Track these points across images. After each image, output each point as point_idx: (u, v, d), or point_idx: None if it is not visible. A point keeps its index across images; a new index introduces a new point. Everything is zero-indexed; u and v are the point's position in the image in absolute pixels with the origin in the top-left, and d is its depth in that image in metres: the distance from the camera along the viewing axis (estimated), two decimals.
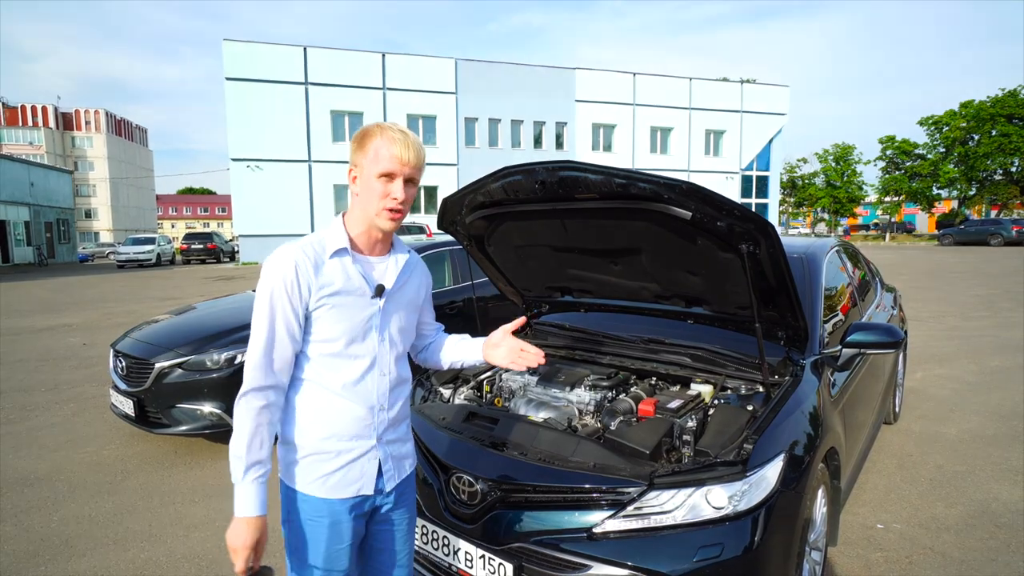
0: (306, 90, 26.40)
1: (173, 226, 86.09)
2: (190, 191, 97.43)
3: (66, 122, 62.34)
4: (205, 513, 3.04)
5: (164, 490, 3.33)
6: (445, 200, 2.29)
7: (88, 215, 62.38)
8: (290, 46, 26.15)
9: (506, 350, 1.52)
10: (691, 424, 1.91)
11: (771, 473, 1.68)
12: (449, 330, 1.69)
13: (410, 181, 1.29)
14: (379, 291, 1.33)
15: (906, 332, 4.53)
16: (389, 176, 1.26)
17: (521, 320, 1.61)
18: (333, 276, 1.28)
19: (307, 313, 1.28)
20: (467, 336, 1.63)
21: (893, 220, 44.74)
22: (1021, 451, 3.64)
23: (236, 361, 3.69)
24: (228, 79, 25.33)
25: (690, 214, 1.79)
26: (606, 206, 1.93)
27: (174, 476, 3.52)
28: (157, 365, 3.70)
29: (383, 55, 27.47)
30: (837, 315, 2.84)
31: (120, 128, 66.48)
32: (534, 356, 1.51)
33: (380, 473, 1.37)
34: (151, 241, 27.64)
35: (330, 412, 1.31)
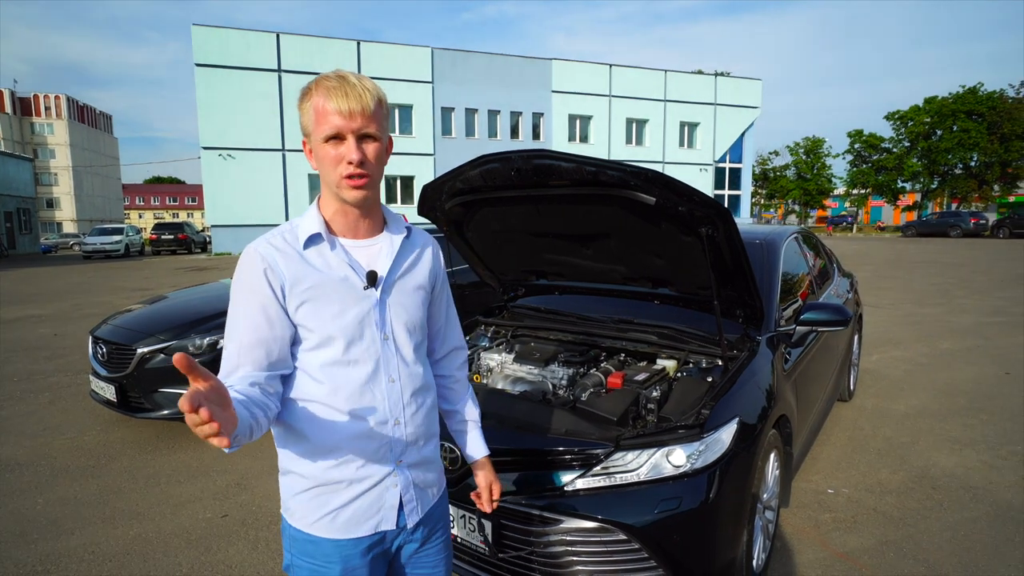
0: (279, 77, 25.92)
1: (141, 216, 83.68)
2: (158, 180, 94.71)
3: (24, 107, 59.84)
4: (191, 492, 3.11)
5: (148, 472, 3.39)
6: (425, 187, 2.41)
7: (50, 205, 60.18)
8: (262, 32, 25.63)
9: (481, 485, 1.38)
10: (655, 394, 2.08)
11: (725, 435, 1.85)
12: None
13: (367, 136, 1.03)
14: (371, 279, 1.10)
15: (861, 315, 4.81)
16: (337, 138, 1.02)
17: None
18: (309, 269, 1.06)
19: (292, 320, 1.07)
20: (477, 422, 1.41)
21: (860, 214, 46.01)
22: (960, 423, 3.94)
23: (218, 346, 3.75)
24: (198, 65, 24.69)
25: (654, 200, 1.94)
26: (577, 192, 2.07)
27: (158, 458, 3.57)
28: (139, 350, 3.73)
29: (358, 43, 27.10)
30: (796, 300, 3.04)
31: (83, 114, 64.09)
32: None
33: (401, 505, 1.15)
34: (119, 231, 26.93)
35: (336, 433, 1.08)
